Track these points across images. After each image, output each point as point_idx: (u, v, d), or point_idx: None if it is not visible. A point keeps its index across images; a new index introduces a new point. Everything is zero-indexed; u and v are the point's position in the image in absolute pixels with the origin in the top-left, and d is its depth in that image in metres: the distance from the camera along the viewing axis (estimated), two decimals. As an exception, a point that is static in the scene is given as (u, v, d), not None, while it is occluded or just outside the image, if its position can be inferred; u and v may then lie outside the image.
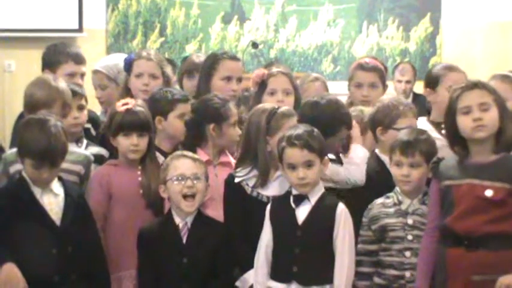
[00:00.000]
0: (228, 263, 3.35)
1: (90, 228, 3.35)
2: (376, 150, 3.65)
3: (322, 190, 3.22)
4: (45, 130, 3.19)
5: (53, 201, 3.26)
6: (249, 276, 3.30)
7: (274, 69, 4.05)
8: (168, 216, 3.35)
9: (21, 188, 3.25)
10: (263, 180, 3.35)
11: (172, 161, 3.35)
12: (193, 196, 3.28)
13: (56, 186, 3.29)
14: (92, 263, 3.30)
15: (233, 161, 3.58)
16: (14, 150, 3.52)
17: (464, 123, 3.08)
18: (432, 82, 3.94)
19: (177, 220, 3.32)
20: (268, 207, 3.25)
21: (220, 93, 3.78)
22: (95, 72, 4.44)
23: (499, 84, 3.62)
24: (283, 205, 3.22)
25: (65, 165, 3.36)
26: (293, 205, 3.19)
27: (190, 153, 3.39)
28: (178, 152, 3.44)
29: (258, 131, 3.37)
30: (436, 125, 3.75)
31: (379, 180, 3.53)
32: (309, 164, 3.15)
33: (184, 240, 3.30)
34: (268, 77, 3.91)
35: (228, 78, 3.98)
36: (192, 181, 3.28)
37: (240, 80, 4.02)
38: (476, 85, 3.13)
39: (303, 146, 3.14)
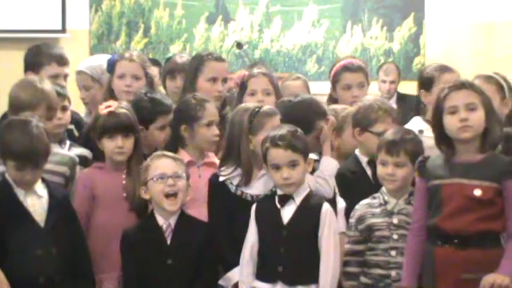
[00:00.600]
0: (212, 263, 3.35)
1: (75, 229, 3.34)
2: (356, 150, 3.67)
3: (308, 190, 3.24)
4: (27, 131, 3.17)
5: (36, 202, 3.25)
6: (233, 274, 3.30)
7: (255, 70, 4.05)
8: (150, 218, 3.34)
9: (4, 190, 3.23)
10: (246, 179, 3.36)
11: (152, 161, 3.35)
12: (175, 195, 3.28)
13: (40, 187, 3.27)
14: (77, 264, 3.29)
15: (218, 162, 3.57)
16: None
17: (450, 122, 3.08)
18: (426, 83, 3.94)
19: (160, 221, 3.31)
20: (254, 207, 3.25)
21: (206, 94, 3.78)
22: (79, 73, 4.41)
23: (482, 85, 3.61)
24: (268, 205, 3.23)
25: (49, 166, 3.35)
26: (278, 205, 3.20)
27: (170, 153, 3.39)
28: (159, 152, 3.44)
29: (241, 130, 3.38)
30: None
31: (354, 180, 3.57)
32: (293, 164, 3.16)
33: (168, 242, 3.29)
34: (248, 78, 3.92)
35: (214, 79, 3.98)
36: (174, 180, 3.27)
37: (225, 80, 4.02)
38: (463, 85, 3.13)
39: (287, 146, 3.16)
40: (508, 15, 7.32)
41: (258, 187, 3.36)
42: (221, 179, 3.38)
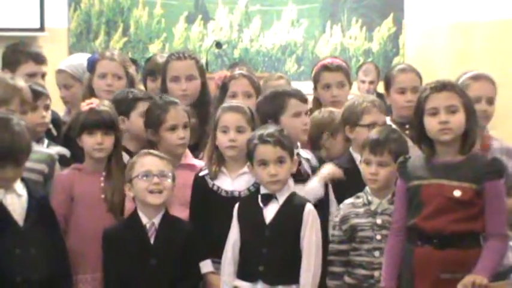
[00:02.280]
0: (196, 263, 3.33)
1: (54, 230, 3.30)
2: (350, 148, 3.67)
3: (291, 190, 3.25)
4: (8, 128, 3.12)
5: (16, 201, 3.20)
6: (203, 264, 3.33)
7: (236, 72, 4.04)
8: (134, 217, 3.32)
9: None
10: (211, 171, 3.39)
11: (138, 159, 3.34)
12: (159, 193, 3.27)
13: (19, 187, 3.23)
14: (55, 265, 3.25)
15: (197, 163, 3.60)
16: None
17: (431, 124, 3.08)
18: (386, 84, 4.01)
19: (144, 220, 3.29)
20: (237, 205, 3.26)
21: (172, 95, 3.80)
22: (60, 71, 4.38)
23: (484, 84, 3.68)
24: (251, 204, 3.23)
25: (28, 164, 3.30)
26: (261, 204, 3.21)
27: (157, 152, 3.39)
28: (145, 150, 3.42)
29: (213, 127, 3.45)
30: (399, 125, 3.77)
31: (347, 177, 3.54)
32: (281, 161, 3.20)
33: (152, 241, 3.27)
34: (229, 80, 3.90)
35: (176, 79, 3.96)
36: (159, 178, 3.26)
37: (189, 78, 3.96)
38: (445, 87, 3.12)
39: (276, 143, 3.20)
40: (484, 15, 7.35)
41: (237, 184, 3.38)
42: (201, 174, 3.43)
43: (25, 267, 3.15)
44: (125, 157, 3.60)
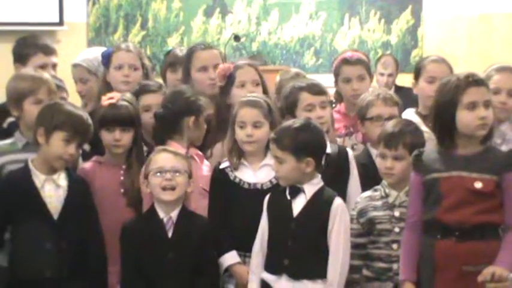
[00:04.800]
0: (215, 260, 3.34)
1: (91, 224, 3.33)
2: (368, 143, 3.71)
3: (321, 184, 3.22)
4: (78, 108, 3.36)
5: (53, 193, 3.26)
6: (224, 259, 3.34)
7: (240, 62, 4.05)
8: (151, 211, 3.32)
9: (24, 176, 3.25)
10: (232, 164, 3.42)
11: (153, 155, 3.35)
12: (172, 189, 3.27)
13: (61, 177, 3.29)
14: (88, 261, 3.28)
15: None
16: (1, 143, 3.55)
17: (468, 118, 3.05)
18: (415, 73, 4.02)
19: (161, 214, 3.29)
20: (267, 198, 3.27)
21: (200, 84, 3.88)
22: (76, 66, 4.40)
23: (507, 76, 3.71)
24: (280, 197, 3.23)
25: None
26: (288, 196, 3.19)
27: (172, 148, 3.39)
28: (160, 147, 3.43)
29: (231, 121, 3.48)
30: (424, 117, 3.78)
31: (363, 172, 3.57)
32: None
33: (169, 235, 3.27)
34: (235, 70, 3.89)
35: (204, 68, 4.02)
36: (171, 174, 3.26)
37: (216, 67, 3.99)
38: (482, 81, 3.12)
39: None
40: (504, 7, 7.32)
41: (259, 176, 3.39)
42: (222, 166, 3.43)
43: (55, 261, 3.19)
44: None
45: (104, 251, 3.35)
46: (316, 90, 3.59)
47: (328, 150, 3.45)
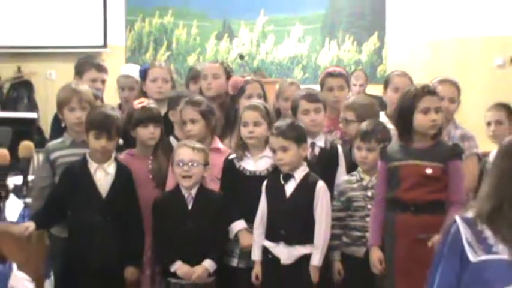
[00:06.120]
0: (225, 231, 3.30)
1: (132, 204, 3.28)
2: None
3: (307, 170, 3.21)
4: (102, 110, 3.29)
5: (103, 178, 3.24)
6: (235, 225, 3.29)
7: (249, 77, 4.00)
8: (177, 189, 3.30)
9: (82, 163, 3.26)
10: (238, 155, 3.37)
11: (177, 148, 3.34)
12: (190, 177, 3.24)
13: (110, 166, 3.27)
14: (129, 231, 3.23)
15: (222, 148, 3.59)
16: (54, 141, 3.51)
17: (423, 120, 3.04)
18: (385, 84, 4.01)
19: (184, 191, 3.27)
20: (265, 182, 3.24)
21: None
22: (127, 76, 4.33)
23: (447, 87, 3.67)
24: (275, 181, 3.22)
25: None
26: (282, 181, 3.19)
27: (191, 143, 3.33)
28: (182, 142, 3.40)
29: (238, 121, 3.46)
30: (390, 118, 3.73)
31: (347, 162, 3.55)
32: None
33: (189, 207, 3.24)
34: (246, 84, 3.88)
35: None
36: (189, 166, 3.23)
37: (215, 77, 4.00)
38: (435, 92, 3.11)
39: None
40: (452, 33, 7.32)
41: (259, 165, 3.35)
42: (230, 157, 3.40)
43: (102, 230, 3.16)
44: (174, 142, 3.59)
45: (141, 225, 3.28)
46: (312, 98, 3.54)
47: (322, 144, 3.47)
